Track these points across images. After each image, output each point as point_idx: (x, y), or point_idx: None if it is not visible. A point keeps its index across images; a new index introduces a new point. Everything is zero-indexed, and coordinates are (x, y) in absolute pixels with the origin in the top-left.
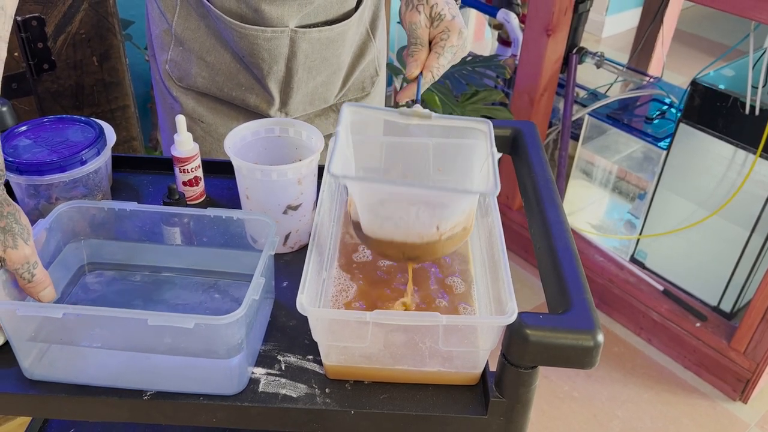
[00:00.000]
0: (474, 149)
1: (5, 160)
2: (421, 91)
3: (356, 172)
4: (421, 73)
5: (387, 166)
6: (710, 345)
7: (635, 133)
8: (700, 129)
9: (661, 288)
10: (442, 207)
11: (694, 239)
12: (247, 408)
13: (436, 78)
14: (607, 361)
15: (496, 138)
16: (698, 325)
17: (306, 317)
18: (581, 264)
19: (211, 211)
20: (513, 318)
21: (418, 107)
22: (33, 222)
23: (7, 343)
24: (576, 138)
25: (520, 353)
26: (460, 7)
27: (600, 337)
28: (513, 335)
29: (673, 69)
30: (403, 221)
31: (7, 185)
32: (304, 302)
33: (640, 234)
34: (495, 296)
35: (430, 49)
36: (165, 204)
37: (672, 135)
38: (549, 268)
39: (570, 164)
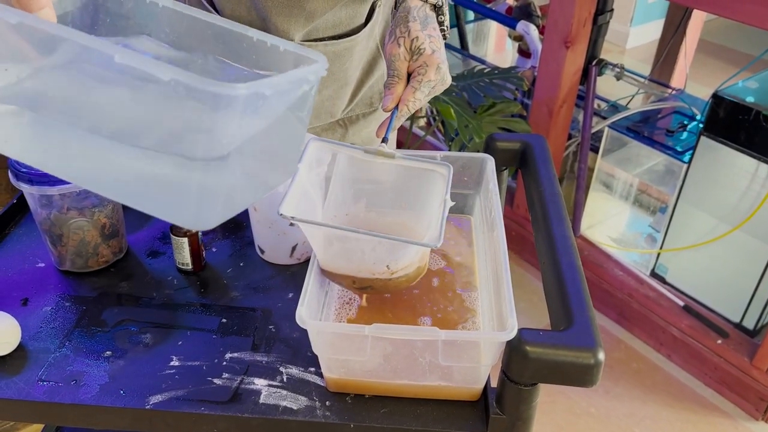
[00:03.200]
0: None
1: (19, 171)
2: (395, 124)
3: (363, 184)
4: (397, 106)
5: (397, 185)
6: (732, 362)
7: (656, 146)
8: (722, 142)
9: (681, 303)
10: (391, 252)
11: (716, 254)
12: (248, 419)
13: (412, 111)
14: (625, 377)
15: (506, 152)
16: (720, 341)
17: None
18: (585, 280)
19: (255, 33)
20: (513, 334)
21: (383, 146)
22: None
23: (12, 352)
24: (596, 150)
25: (520, 370)
26: (480, 19)
27: (601, 355)
28: (513, 351)
29: (698, 80)
30: (354, 258)
31: (20, 199)
32: (303, 315)
33: (661, 248)
34: (498, 312)
35: (408, 83)
36: None
37: (693, 148)
38: (553, 283)
39: (590, 176)
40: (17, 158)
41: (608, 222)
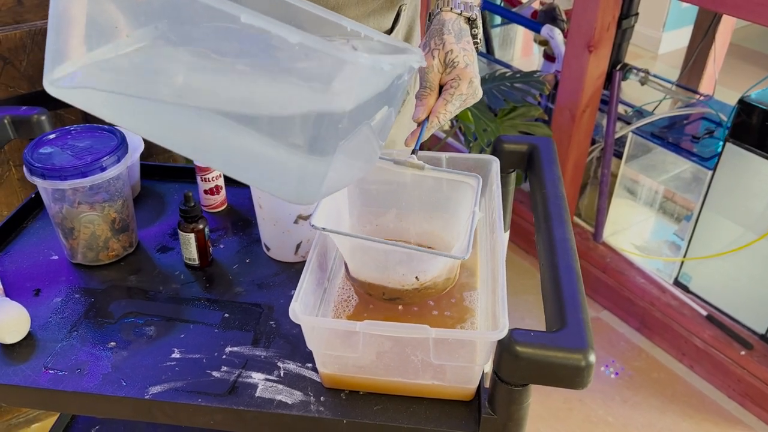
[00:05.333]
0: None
1: (34, 165)
2: (424, 135)
3: (391, 194)
4: (427, 117)
5: (425, 195)
6: (756, 375)
7: (682, 152)
8: (748, 149)
9: (705, 313)
10: (420, 262)
11: (741, 263)
12: (243, 412)
13: (442, 123)
14: (645, 386)
15: (513, 154)
16: (743, 353)
17: None
18: (582, 283)
19: (350, 24)
20: (503, 334)
21: (413, 158)
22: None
23: (21, 340)
24: (620, 156)
25: (511, 370)
26: (506, 23)
27: (592, 357)
28: (503, 351)
29: (730, 85)
30: (383, 270)
31: (38, 194)
32: (297, 310)
33: (685, 256)
34: (493, 312)
35: (440, 95)
36: (181, 211)
37: (718, 155)
38: (549, 285)
39: (613, 182)
40: (111, 120)
41: (632, 229)
